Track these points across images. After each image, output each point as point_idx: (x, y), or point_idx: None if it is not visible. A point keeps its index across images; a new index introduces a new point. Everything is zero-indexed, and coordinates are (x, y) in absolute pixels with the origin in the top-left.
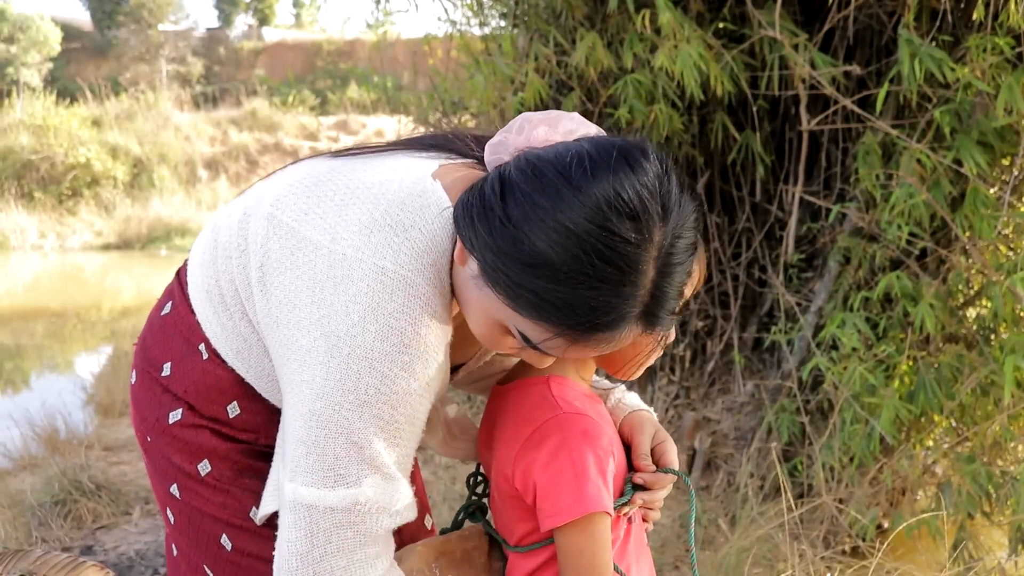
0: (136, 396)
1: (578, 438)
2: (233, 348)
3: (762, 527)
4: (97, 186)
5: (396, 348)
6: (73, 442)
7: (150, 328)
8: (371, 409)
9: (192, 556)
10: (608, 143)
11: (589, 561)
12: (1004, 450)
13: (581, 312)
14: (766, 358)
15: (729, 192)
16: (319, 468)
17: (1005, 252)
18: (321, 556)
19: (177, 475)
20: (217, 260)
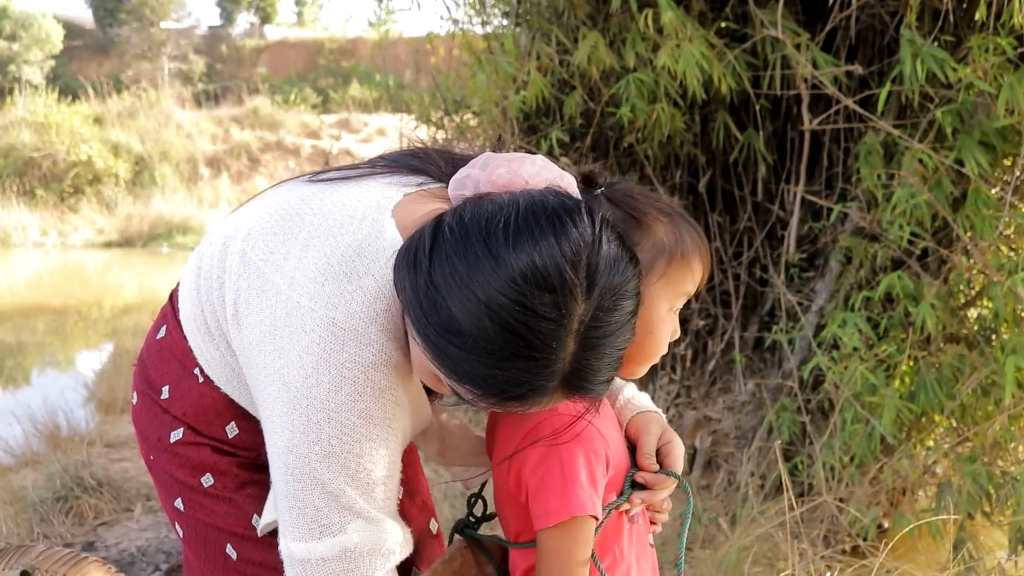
0: (138, 417)
1: (570, 441)
2: (223, 375)
3: (762, 526)
4: (99, 184)
5: (350, 397)
6: (75, 439)
7: (148, 350)
8: (337, 459)
9: (202, 567)
10: (539, 205)
11: (564, 562)
12: (1004, 450)
13: (493, 384)
14: (767, 357)
15: (731, 191)
16: (303, 522)
17: (1006, 252)
18: None
19: (181, 489)
20: (200, 290)
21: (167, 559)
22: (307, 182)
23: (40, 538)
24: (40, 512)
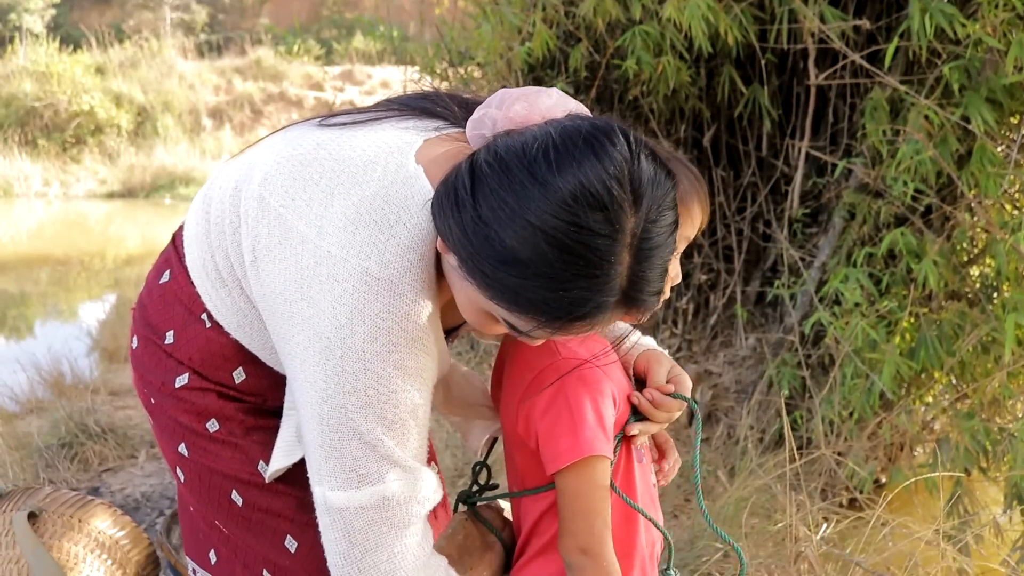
0: (139, 360)
1: (575, 384)
2: (234, 321)
3: (761, 478)
4: (101, 134)
5: (386, 348)
6: (79, 386)
7: (149, 295)
8: (374, 409)
9: (205, 512)
10: (574, 130)
11: (585, 504)
12: (1003, 407)
13: (558, 307)
14: (768, 312)
15: (735, 146)
16: (341, 471)
17: (1010, 210)
18: (363, 554)
19: (185, 434)
20: (211, 234)
21: (171, 504)
22: (318, 126)
23: (46, 483)
24: (45, 458)
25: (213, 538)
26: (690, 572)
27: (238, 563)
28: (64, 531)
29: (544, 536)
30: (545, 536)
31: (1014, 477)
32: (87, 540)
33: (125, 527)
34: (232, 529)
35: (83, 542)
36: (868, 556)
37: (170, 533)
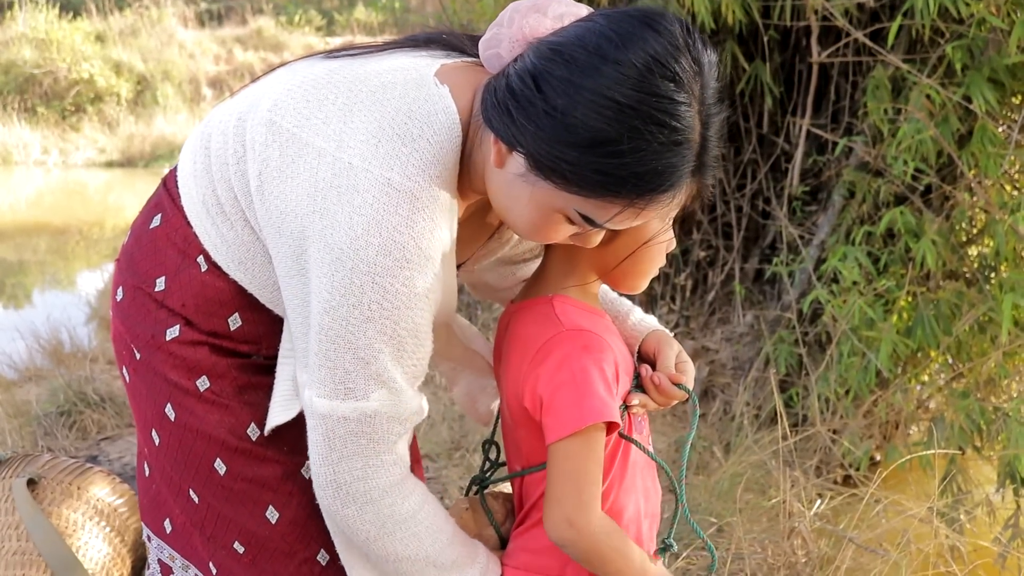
0: (124, 312)
1: (579, 352)
2: (235, 258)
3: (756, 454)
4: (100, 102)
5: (398, 263)
6: (77, 355)
7: (137, 241)
8: (375, 325)
9: (176, 478)
10: (626, 15)
11: (579, 468)
12: (998, 387)
13: (648, 179)
14: (766, 289)
15: (736, 123)
16: (330, 381)
17: (1010, 191)
18: (339, 459)
19: (172, 393)
20: (212, 168)
21: None
22: (325, 58)
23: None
24: (44, 426)
25: (176, 507)
26: (684, 546)
27: (199, 534)
28: (63, 498)
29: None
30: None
31: (1007, 456)
32: (86, 507)
33: (123, 495)
34: (209, 498)
35: (82, 509)
36: (861, 532)
37: None
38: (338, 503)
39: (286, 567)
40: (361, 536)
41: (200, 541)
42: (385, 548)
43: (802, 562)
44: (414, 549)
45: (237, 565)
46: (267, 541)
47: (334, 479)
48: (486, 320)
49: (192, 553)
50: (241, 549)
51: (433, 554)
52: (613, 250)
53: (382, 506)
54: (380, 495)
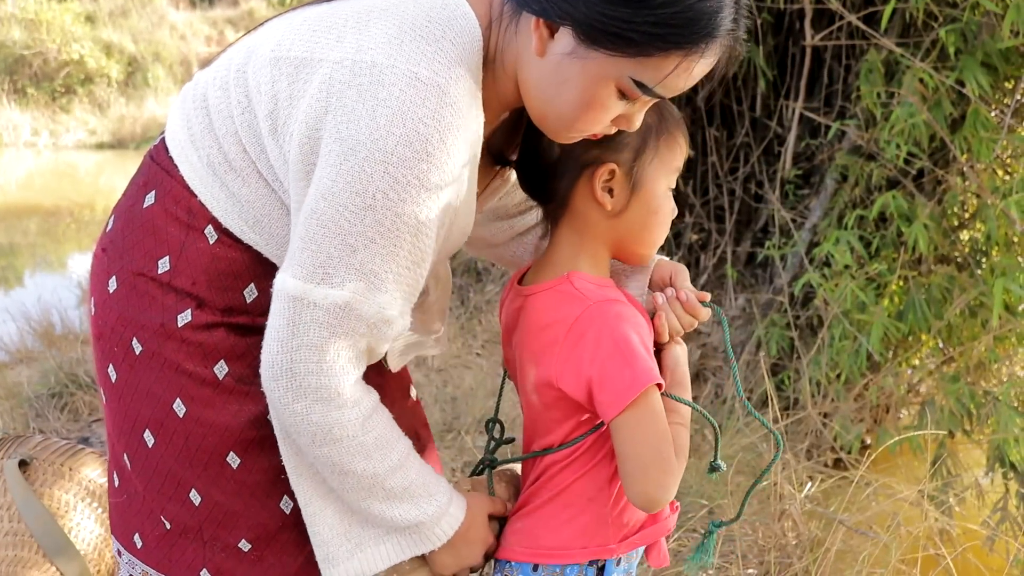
0: (120, 304)
1: (615, 322)
2: (250, 218)
3: (747, 437)
4: (91, 84)
5: (417, 155)
6: (69, 337)
7: (127, 225)
8: (374, 214)
9: (177, 480)
10: None
11: (648, 430)
12: (988, 371)
13: (701, 24)
14: (759, 273)
15: (729, 106)
16: (310, 263)
17: (1002, 176)
18: (298, 346)
19: (185, 385)
20: (214, 126)
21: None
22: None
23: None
24: (35, 407)
25: (164, 514)
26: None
27: (195, 540)
28: (55, 479)
29: (559, 486)
30: (560, 486)
31: (997, 440)
32: (77, 488)
33: None
34: (216, 496)
35: (73, 490)
36: (851, 515)
37: None
38: (289, 395)
39: (295, 559)
40: (306, 437)
41: (195, 546)
42: (330, 456)
43: (792, 544)
44: (360, 464)
45: (240, 565)
46: (278, 533)
47: (290, 367)
48: (478, 303)
49: (173, 567)
50: (247, 547)
51: (381, 473)
52: (625, 221)
53: (330, 407)
54: (331, 395)
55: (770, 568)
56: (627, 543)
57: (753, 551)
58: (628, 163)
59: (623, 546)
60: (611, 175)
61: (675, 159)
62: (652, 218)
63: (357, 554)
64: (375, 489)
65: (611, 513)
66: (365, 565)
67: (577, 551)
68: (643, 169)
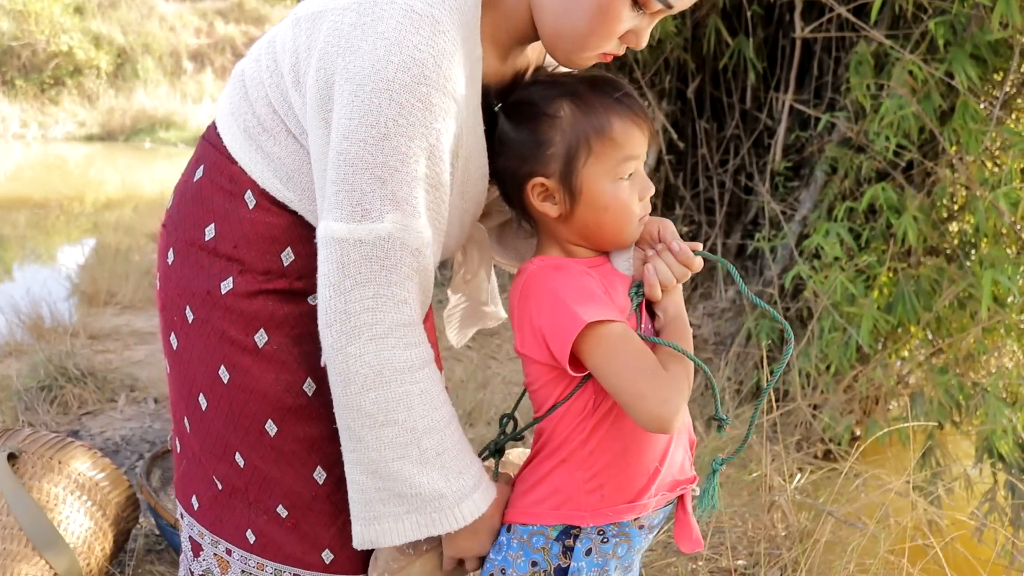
0: (176, 274)
1: (551, 273)
2: (283, 175)
3: (737, 428)
4: (80, 75)
5: (415, 79)
6: (58, 330)
7: (181, 199)
8: (391, 142)
9: (224, 442)
10: None
11: (615, 361)
12: (977, 363)
13: None
14: (748, 265)
15: (719, 98)
16: (347, 204)
17: (991, 168)
18: (351, 286)
19: (228, 352)
20: (249, 94)
21: (151, 448)
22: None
23: (25, 426)
24: (25, 400)
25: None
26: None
27: (242, 500)
28: (44, 472)
29: (566, 447)
30: (567, 447)
31: (985, 431)
32: (67, 481)
33: (105, 469)
34: (257, 461)
35: (63, 483)
36: (840, 506)
37: (150, 475)
38: (344, 338)
39: (328, 529)
40: (357, 383)
41: (242, 507)
42: (376, 401)
43: (782, 535)
44: (403, 414)
45: (279, 530)
46: (312, 503)
47: (344, 308)
48: None
49: (223, 527)
50: (284, 513)
51: (420, 429)
52: (577, 222)
53: (383, 346)
54: (385, 331)
55: (759, 559)
56: (602, 514)
57: (743, 542)
58: (557, 173)
59: (599, 515)
60: (544, 188)
61: (617, 152)
62: (603, 215)
63: (375, 525)
64: (410, 447)
65: (584, 476)
66: (382, 537)
67: (547, 512)
68: (576, 175)
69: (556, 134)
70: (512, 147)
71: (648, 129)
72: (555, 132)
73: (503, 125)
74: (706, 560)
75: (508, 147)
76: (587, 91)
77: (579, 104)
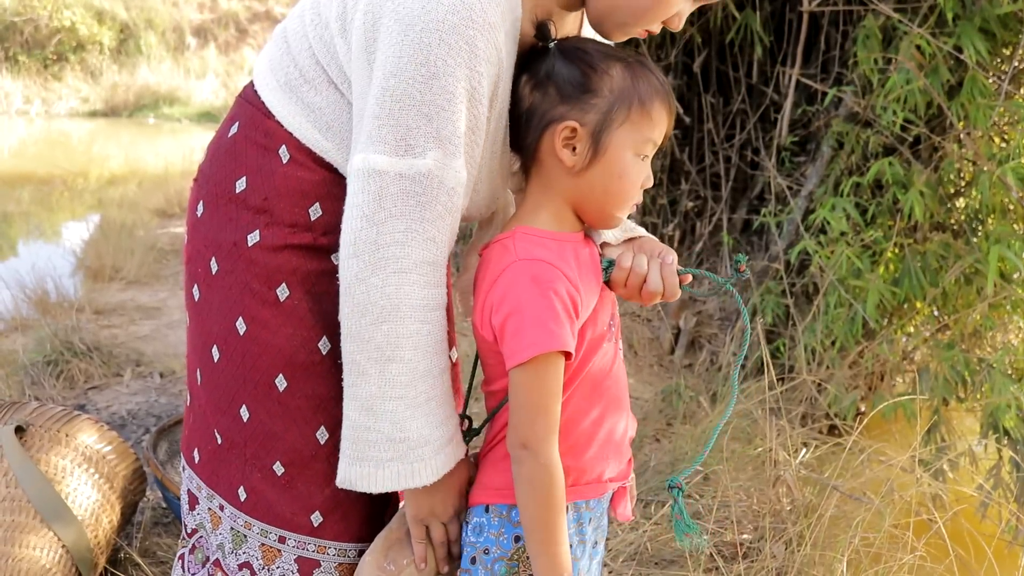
0: (205, 225)
1: (526, 283)
2: (322, 125)
3: (742, 404)
4: (83, 51)
5: (464, 21)
6: (64, 305)
7: (215, 154)
8: (439, 81)
9: (230, 394)
10: None
11: (532, 400)
12: (982, 338)
13: None
14: (754, 240)
15: (725, 72)
16: (391, 138)
17: (999, 143)
18: (385, 218)
19: (248, 304)
20: (291, 49)
21: (156, 422)
22: None
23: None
24: (31, 375)
25: (218, 427)
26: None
27: (238, 455)
28: (51, 445)
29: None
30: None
31: (991, 407)
32: (74, 454)
33: (112, 442)
34: (262, 415)
35: (70, 456)
36: (845, 480)
37: (157, 448)
38: (368, 269)
39: (322, 491)
40: (373, 314)
41: (238, 463)
42: (388, 335)
43: (787, 510)
44: (409, 352)
45: (272, 488)
46: (311, 462)
47: (375, 239)
48: None
49: (218, 481)
50: (281, 470)
51: (421, 371)
52: (586, 180)
53: (405, 281)
54: (411, 267)
55: (764, 533)
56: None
57: (748, 516)
58: (592, 124)
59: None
60: (572, 133)
61: (648, 129)
62: (615, 182)
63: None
64: (408, 388)
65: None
66: (362, 481)
67: None
68: (608, 133)
69: (605, 88)
70: (556, 84)
71: (671, 125)
72: (604, 86)
73: (555, 61)
74: (711, 534)
75: (551, 83)
76: (638, 66)
77: (630, 72)
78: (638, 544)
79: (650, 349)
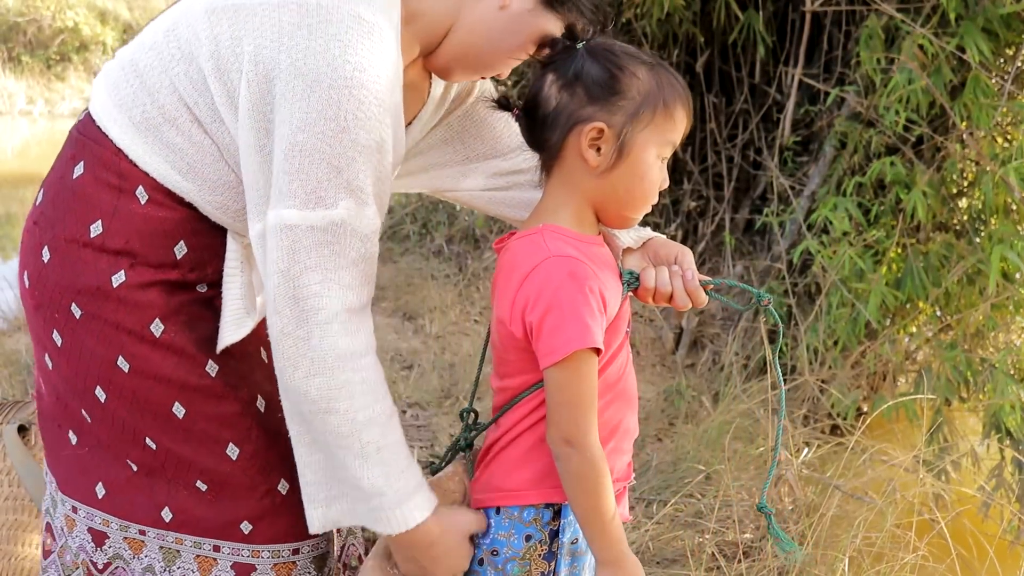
0: (56, 271)
1: (563, 279)
2: (183, 166)
3: (745, 403)
4: (86, 51)
5: (371, 79)
6: None
7: (57, 196)
8: (349, 134)
9: (131, 429)
10: None
11: (572, 396)
12: (985, 339)
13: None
14: (757, 240)
15: (728, 72)
16: (302, 192)
17: (1001, 143)
18: (301, 271)
19: (125, 342)
20: (147, 85)
21: None
22: None
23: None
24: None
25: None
26: (672, 493)
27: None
28: None
29: (516, 431)
30: (516, 431)
31: (993, 407)
32: None
33: None
34: (168, 443)
35: None
36: (847, 480)
37: None
38: (292, 323)
39: (247, 501)
40: (304, 367)
41: (162, 485)
42: (320, 388)
43: (789, 509)
44: (344, 403)
45: (199, 504)
46: (229, 477)
47: (293, 293)
48: (476, 270)
49: (134, 510)
50: (204, 487)
51: (361, 421)
52: (609, 181)
53: (328, 332)
54: (331, 316)
55: (766, 532)
56: None
57: (750, 516)
58: (619, 125)
59: None
60: (599, 134)
61: (670, 132)
62: (637, 183)
63: (334, 505)
64: (352, 438)
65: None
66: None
67: (531, 492)
68: (633, 134)
69: (632, 90)
70: (585, 85)
71: (688, 128)
72: (632, 88)
73: (583, 62)
74: (713, 534)
75: (580, 84)
76: (662, 69)
77: (655, 75)
78: (640, 543)
79: (652, 349)
